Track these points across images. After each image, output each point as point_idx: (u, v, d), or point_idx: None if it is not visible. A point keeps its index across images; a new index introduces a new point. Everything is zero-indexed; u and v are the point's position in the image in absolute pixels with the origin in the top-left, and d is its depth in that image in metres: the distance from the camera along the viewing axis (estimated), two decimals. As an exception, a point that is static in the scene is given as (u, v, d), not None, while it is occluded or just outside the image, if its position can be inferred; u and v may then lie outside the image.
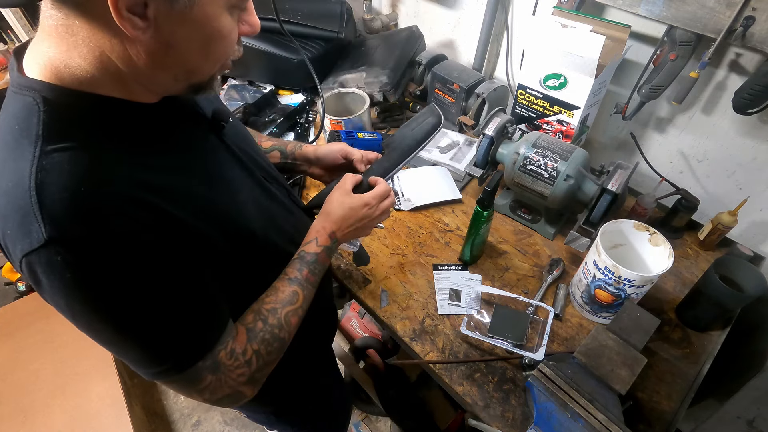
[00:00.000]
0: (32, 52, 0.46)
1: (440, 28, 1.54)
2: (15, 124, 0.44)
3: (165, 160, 0.51)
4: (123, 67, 0.45)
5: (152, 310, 0.48)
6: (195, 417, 1.81)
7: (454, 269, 1.06)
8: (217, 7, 0.46)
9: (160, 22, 0.42)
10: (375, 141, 1.29)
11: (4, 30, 1.83)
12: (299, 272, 0.66)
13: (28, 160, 0.42)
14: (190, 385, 0.53)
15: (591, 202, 0.99)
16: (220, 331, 0.54)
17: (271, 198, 0.68)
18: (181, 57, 0.47)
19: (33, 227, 0.41)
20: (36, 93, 0.44)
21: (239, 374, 0.56)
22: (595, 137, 1.29)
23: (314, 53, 1.41)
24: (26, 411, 1.48)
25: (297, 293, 0.65)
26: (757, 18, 0.82)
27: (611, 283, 0.85)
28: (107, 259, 0.43)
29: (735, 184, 1.07)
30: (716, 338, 0.95)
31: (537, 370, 0.74)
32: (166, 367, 0.50)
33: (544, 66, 1.10)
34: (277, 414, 0.94)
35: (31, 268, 0.43)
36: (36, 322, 1.71)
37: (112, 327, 0.47)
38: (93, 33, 0.42)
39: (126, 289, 0.45)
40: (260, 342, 0.59)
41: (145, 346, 0.49)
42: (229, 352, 0.55)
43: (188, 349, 0.51)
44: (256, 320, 0.60)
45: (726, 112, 1.00)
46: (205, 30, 0.46)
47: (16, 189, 0.42)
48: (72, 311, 0.46)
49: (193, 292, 0.51)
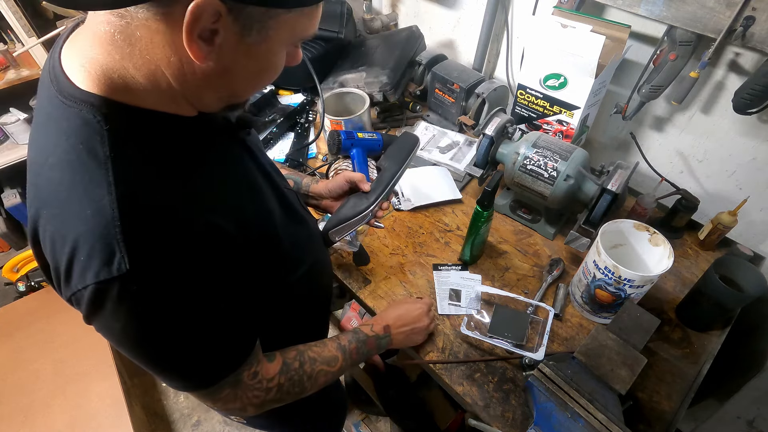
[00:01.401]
0: (78, 57, 0.44)
1: (440, 28, 1.54)
2: (78, 143, 0.43)
3: (212, 174, 0.52)
4: (174, 83, 0.45)
5: (197, 337, 0.50)
6: (195, 417, 1.81)
7: (454, 269, 1.06)
8: (282, 45, 0.47)
9: (225, 50, 0.42)
10: (375, 141, 1.29)
11: (4, 30, 1.83)
12: (348, 343, 0.72)
13: (104, 187, 0.42)
14: (209, 395, 0.56)
15: (591, 202, 0.99)
16: (247, 354, 0.57)
17: (287, 203, 0.69)
18: (233, 82, 0.48)
19: (115, 257, 0.41)
20: (95, 110, 0.43)
21: (254, 396, 0.59)
22: (595, 137, 1.29)
23: (314, 53, 1.42)
24: (26, 411, 1.48)
25: (337, 359, 0.70)
26: (757, 18, 0.82)
27: (611, 283, 0.85)
28: (175, 293, 0.46)
29: (735, 184, 1.07)
30: (716, 338, 0.95)
31: (537, 370, 0.74)
32: (194, 383, 0.54)
33: (544, 66, 1.10)
34: (276, 416, 0.94)
35: (99, 295, 0.43)
36: (36, 322, 1.71)
37: (158, 352, 0.49)
38: (153, 47, 0.41)
39: (182, 320, 0.48)
40: (288, 379, 0.63)
41: (181, 368, 0.52)
42: (252, 373, 0.58)
43: (219, 369, 0.54)
44: (295, 359, 0.65)
45: (726, 112, 1.00)
46: (263, 63, 0.47)
47: (97, 218, 0.41)
48: (125, 337, 0.47)
49: (233, 316, 0.54)
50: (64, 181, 0.43)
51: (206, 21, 0.38)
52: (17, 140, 1.89)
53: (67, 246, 0.43)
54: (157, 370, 0.51)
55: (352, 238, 1.08)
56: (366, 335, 0.76)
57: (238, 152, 0.60)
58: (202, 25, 0.39)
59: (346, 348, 0.71)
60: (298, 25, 0.45)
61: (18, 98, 1.87)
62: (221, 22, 0.39)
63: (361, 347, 0.74)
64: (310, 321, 0.79)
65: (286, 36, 0.45)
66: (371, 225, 1.16)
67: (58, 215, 0.44)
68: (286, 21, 0.44)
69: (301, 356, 0.65)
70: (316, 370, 0.66)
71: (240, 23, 0.41)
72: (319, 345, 0.69)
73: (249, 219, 0.55)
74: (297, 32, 0.46)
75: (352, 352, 0.72)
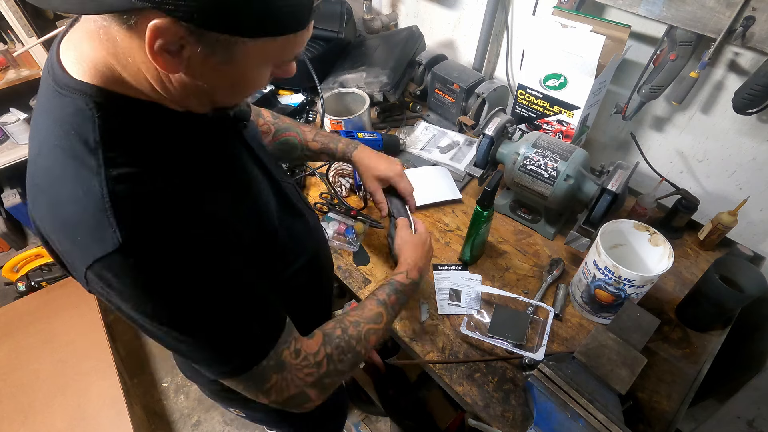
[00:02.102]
0: (73, 50, 0.45)
1: (440, 28, 1.54)
2: (70, 129, 0.44)
3: (206, 164, 0.52)
4: (156, 86, 0.45)
5: (218, 311, 0.49)
6: (195, 417, 1.81)
7: (454, 269, 1.06)
8: (256, 67, 0.46)
9: (194, 64, 0.42)
10: (375, 141, 1.29)
11: (4, 30, 1.83)
12: (387, 297, 0.71)
13: (94, 169, 0.42)
14: (256, 385, 0.54)
15: (591, 202, 0.99)
16: (279, 330, 0.55)
17: (285, 196, 0.69)
18: (210, 93, 0.47)
19: (107, 233, 0.42)
20: (87, 97, 0.44)
21: (307, 374, 0.57)
22: (595, 137, 1.29)
23: (314, 53, 1.41)
24: (26, 411, 1.48)
25: (382, 315, 0.69)
26: (757, 18, 0.82)
27: (611, 283, 0.85)
28: (176, 262, 0.45)
29: (735, 184, 1.07)
30: (716, 338, 0.95)
31: (537, 370, 0.74)
32: (232, 366, 0.52)
33: (544, 66, 1.10)
34: (277, 411, 0.94)
35: (102, 273, 0.43)
36: (36, 322, 1.72)
37: (179, 328, 0.48)
38: (132, 51, 0.41)
39: (194, 291, 0.47)
40: (335, 347, 0.61)
41: (211, 346, 0.50)
42: (293, 351, 0.56)
43: (252, 347, 0.52)
44: (336, 327, 0.63)
45: (726, 112, 1.00)
46: (237, 80, 0.46)
47: (88, 197, 0.42)
48: (141, 315, 0.46)
49: (250, 293, 0.53)
50: (57, 167, 0.44)
51: (168, 39, 0.38)
52: (17, 140, 1.89)
53: (66, 230, 0.44)
54: (185, 350, 0.50)
55: (351, 239, 1.08)
56: (402, 284, 0.74)
57: (235, 145, 0.61)
58: (165, 42, 0.38)
59: (386, 301, 0.70)
60: (271, 51, 0.44)
61: (18, 98, 1.87)
62: (185, 40, 0.39)
63: (400, 297, 0.73)
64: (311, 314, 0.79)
65: (257, 60, 0.44)
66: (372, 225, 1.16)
67: (54, 201, 0.45)
68: (256, 48, 0.42)
69: (341, 323, 0.63)
70: (363, 330, 0.64)
71: (203, 44, 0.40)
72: (358, 308, 0.68)
73: (241, 209, 0.55)
74: (271, 57, 0.45)
75: (393, 305, 0.71)
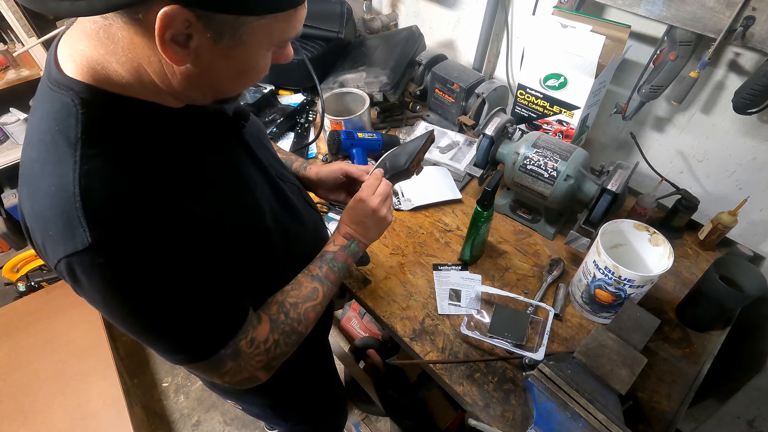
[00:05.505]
0: (69, 48, 0.46)
1: (440, 28, 1.54)
2: (54, 125, 0.45)
3: (194, 162, 0.53)
4: (157, 80, 0.46)
5: (181, 306, 0.51)
6: (195, 417, 1.81)
7: (454, 269, 1.06)
8: (261, 48, 0.47)
9: (202, 53, 0.43)
10: (375, 141, 1.29)
11: (4, 30, 1.83)
12: (320, 269, 0.71)
13: (70, 164, 0.43)
14: (212, 370, 0.56)
15: (591, 202, 0.99)
16: (240, 323, 0.57)
17: (283, 196, 0.69)
18: (215, 82, 0.48)
19: (77, 231, 0.43)
20: (74, 94, 0.45)
21: (258, 360, 0.60)
22: (595, 137, 1.29)
23: (314, 53, 1.41)
24: (26, 411, 1.48)
25: (317, 290, 0.69)
26: (757, 18, 0.82)
27: (611, 283, 0.85)
28: (144, 261, 0.46)
29: (735, 184, 1.07)
30: (716, 338, 0.95)
31: (537, 370, 0.74)
32: (189, 355, 0.54)
33: (544, 66, 1.10)
34: (273, 407, 0.94)
35: (71, 268, 0.45)
36: (36, 322, 1.72)
37: (144, 321, 0.50)
38: (134, 47, 0.42)
39: (159, 288, 0.48)
40: (281, 333, 0.63)
41: (173, 338, 0.53)
42: (249, 340, 0.58)
43: (212, 339, 0.55)
44: (279, 312, 0.64)
45: (726, 112, 1.00)
46: (243, 65, 0.47)
47: (60, 193, 0.43)
48: (108, 308, 0.48)
49: (217, 289, 0.54)
50: (39, 160, 0.45)
51: (177, 28, 0.39)
52: (17, 140, 1.89)
53: (40, 221, 0.45)
54: (150, 340, 0.52)
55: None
56: (332, 252, 0.73)
57: (232, 144, 0.61)
58: (174, 31, 0.39)
59: (319, 275, 0.70)
60: (275, 29, 0.45)
61: (18, 98, 1.88)
62: (193, 27, 0.40)
63: (333, 266, 0.72)
64: None
65: (263, 40, 0.45)
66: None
67: (33, 192, 0.46)
68: (261, 26, 0.44)
69: (282, 307, 0.64)
70: (301, 311, 0.66)
71: (212, 29, 0.41)
72: (294, 286, 0.67)
73: (233, 208, 0.55)
74: (275, 36, 0.46)
75: (328, 276, 0.71)
